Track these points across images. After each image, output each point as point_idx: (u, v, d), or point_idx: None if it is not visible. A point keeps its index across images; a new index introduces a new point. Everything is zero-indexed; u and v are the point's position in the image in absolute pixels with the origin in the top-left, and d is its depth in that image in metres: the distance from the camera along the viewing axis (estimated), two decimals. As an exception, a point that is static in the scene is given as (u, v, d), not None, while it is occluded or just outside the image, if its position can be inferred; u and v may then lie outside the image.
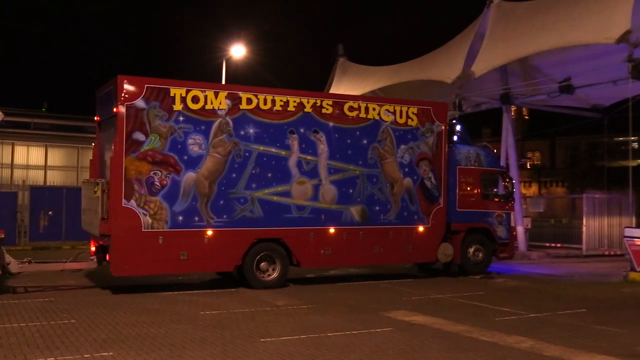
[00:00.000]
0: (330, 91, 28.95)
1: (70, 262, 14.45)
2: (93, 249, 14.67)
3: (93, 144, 16.44)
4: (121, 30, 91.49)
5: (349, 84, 28.87)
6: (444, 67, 23.95)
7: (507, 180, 19.03)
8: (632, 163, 39.47)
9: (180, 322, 10.67)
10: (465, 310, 12.43)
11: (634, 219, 24.40)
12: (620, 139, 52.34)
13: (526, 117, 64.84)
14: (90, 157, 16.33)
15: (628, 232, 17.95)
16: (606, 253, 24.12)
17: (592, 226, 24.26)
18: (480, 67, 22.01)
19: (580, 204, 24.99)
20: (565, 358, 8.77)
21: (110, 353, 8.60)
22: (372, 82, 27.82)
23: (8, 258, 13.48)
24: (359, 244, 15.71)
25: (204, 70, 69.31)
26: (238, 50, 31.52)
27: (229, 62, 32.21)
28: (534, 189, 58.14)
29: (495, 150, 20.22)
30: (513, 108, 24.62)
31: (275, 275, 14.80)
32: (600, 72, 21.03)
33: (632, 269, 17.10)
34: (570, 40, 19.66)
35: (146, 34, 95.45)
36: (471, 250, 17.68)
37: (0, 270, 13.23)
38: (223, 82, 31.13)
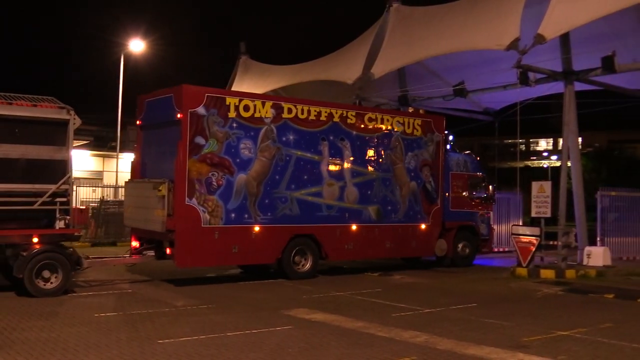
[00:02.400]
0: (233, 89, 28.68)
1: (125, 257, 15.67)
2: (135, 244, 15.91)
3: (134, 146, 17.23)
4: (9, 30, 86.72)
5: (251, 82, 28.70)
6: (344, 67, 24.28)
7: (487, 184, 20.99)
8: (520, 164, 41.68)
9: (74, 325, 10.29)
10: (364, 307, 12.72)
11: (521, 217, 25.73)
12: (510, 141, 55.03)
13: (423, 119, 66.78)
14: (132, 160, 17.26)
15: (515, 229, 19.00)
16: (495, 250, 25.28)
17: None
18: (379, 69, 22.47)
19: (472, 203, 26.03)
20: (457, 350, 9.16)
21: (-3, 360, 8.19)
22: (274, 81, 27.79)
23: None
24: (375, 239, 17.58)
25: (103, 65, 66.93)
26: (137, 45, 30.78)
27: (127, 56, 31.40)
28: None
29: (478, 158, 22.79)
30: (411, 110, 25.28)
31: (307, 267, 16.49)
32: (492, 77, 22.09)
33: (519, 265, 18.07)
34: (463, 45, 20.44)
35: (40, 27, 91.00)
36: (460, 245, 19.91)
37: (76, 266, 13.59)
38: (121, 77, 30.46)
